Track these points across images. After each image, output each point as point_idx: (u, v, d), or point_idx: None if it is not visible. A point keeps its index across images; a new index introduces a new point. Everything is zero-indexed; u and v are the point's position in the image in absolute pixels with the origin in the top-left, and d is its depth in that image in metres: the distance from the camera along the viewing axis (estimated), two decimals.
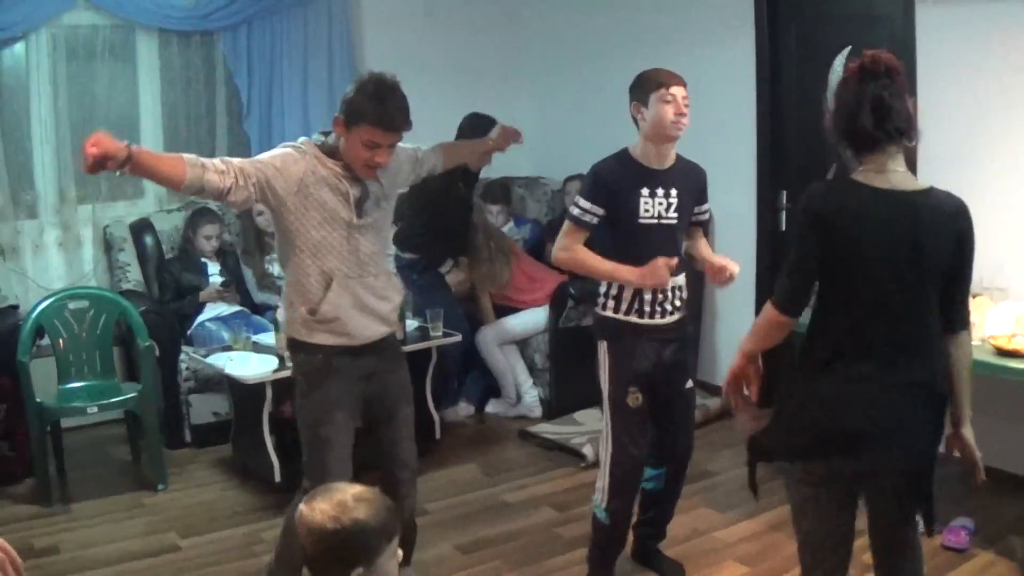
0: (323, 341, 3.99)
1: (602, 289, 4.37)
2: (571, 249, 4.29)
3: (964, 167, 5.36)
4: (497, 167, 7.82)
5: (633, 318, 4.27)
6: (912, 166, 5.58)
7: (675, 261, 4.21)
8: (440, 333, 6.19)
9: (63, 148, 6.61)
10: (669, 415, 4.43)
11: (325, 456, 4.07)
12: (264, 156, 3.88)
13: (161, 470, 5.87)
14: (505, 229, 7.46)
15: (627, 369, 4.28)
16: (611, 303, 4.31)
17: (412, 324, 6.26)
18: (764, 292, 6.75)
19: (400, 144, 4.10)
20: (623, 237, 4.22)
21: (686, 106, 4.13)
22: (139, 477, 6.03)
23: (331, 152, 3.92)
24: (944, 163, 5.44)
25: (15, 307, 6.23)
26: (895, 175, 3.05)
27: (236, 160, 3.77)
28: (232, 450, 6.14)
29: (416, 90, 4.13)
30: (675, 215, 4.24)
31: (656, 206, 4.19)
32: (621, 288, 4.26)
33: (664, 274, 4.09)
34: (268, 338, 5.87)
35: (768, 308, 3.26)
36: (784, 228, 6.70)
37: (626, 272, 4.15)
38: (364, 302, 4.03)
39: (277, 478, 5.52)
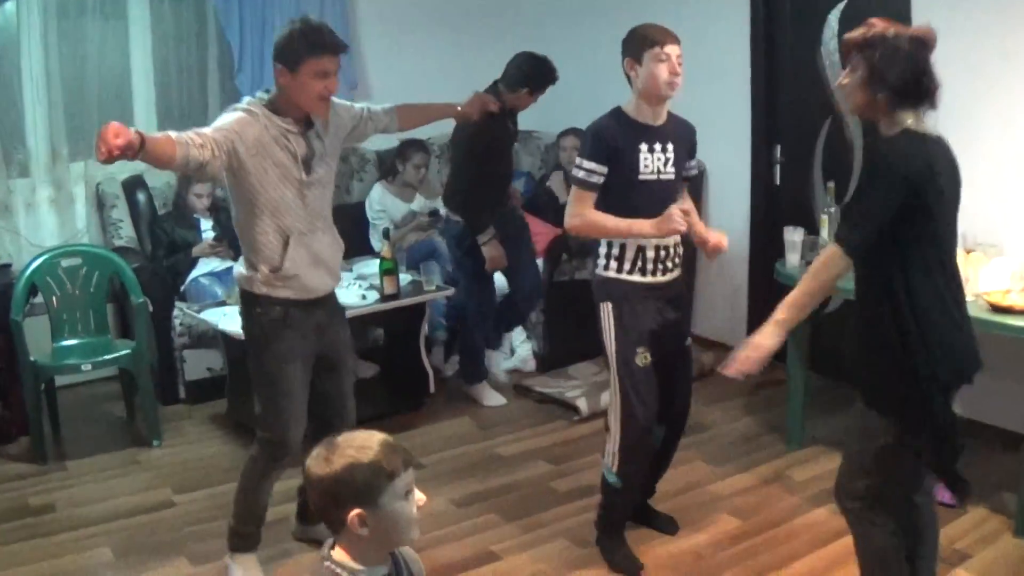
0: (283, 295, 4.07)
1: (602, 250, 4.33)
2: (583, 215, 4.22)
3: (959, 124, 5.30)
4: None
5: (636, 277, 4.25)
6: None
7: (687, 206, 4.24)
8: (434, 287, 6.19)
9: (55, 106, 6.56)
10: (669, 373, 4.40)
11: (284, 407, 4.16)
12: (223, 122, 3.87)
13: (155, 426, 5.89)
14: None
15: (634, 329, 4.25)
16: (613, 263, 4.28)
17: (406, 278, 6.24)
18: (758, 246, 6.78)
19: (340, 101, 4.20)
20: (622, 195, 4.17)
21: (680, 64, 4.09)
22: (134, 434, 6.05)
23: (276, 110, 3.94)
24: (939, 119, 5.42)
25: (8, 266, 6.23)
26: (929, 127, 3.26)
27: (206, 130, 3.78)
28: (226, 405, 6.15)
29: (408, 46, 4.12)
30: (672, 170, 4.23)
31: (655, 162, 4.17)
32: (623, 248, 4.24)
33: (680, 220, 4.05)
34: None
35: (832, 251, 3.23)
36: (778, 182, 6.69)
37: (643, 225, 4.11)
38: (318, 257, 4.13)
39: None
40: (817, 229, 5.46)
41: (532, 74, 5.94)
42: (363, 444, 2.37)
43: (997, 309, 4.47)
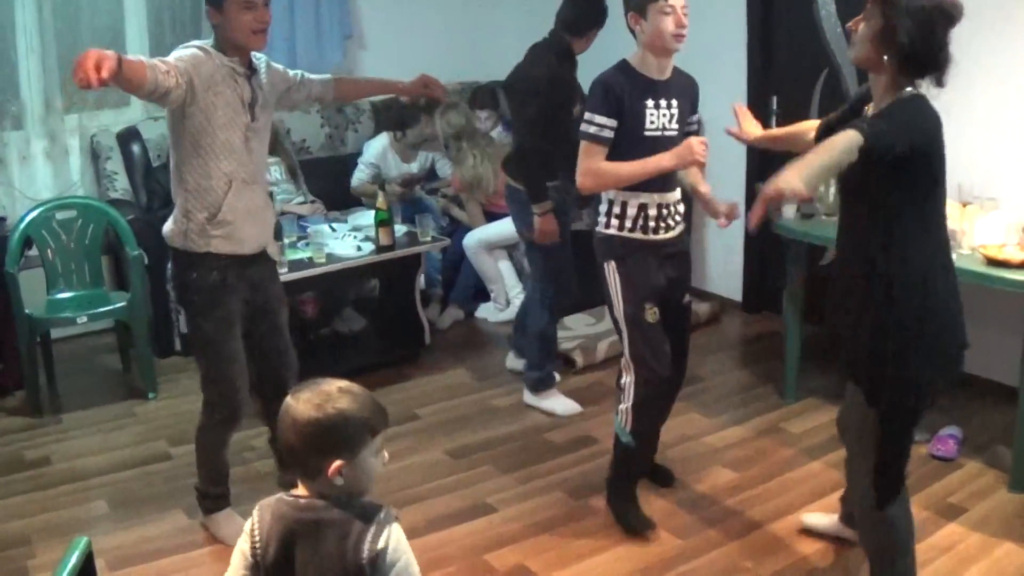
0: (217, 249, 4.07)
1: (603, 207, 4.27)
2: (597, 171, 4.11)
3: (956, 78, 5.30)
4: (485, 72, 7.78)
5: (638, 235, 4.20)
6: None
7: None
8: (429, 238, 6.18)
9: (48, 57, 6.51)
10: (670, 329, 4.34)
11: (230, 370, 4.20)
12: (180, 54, 3.86)
13: (151, 379, 5.90)
14: (494, 134, 7.39)
15: (643, 286, 4.19)
16: (615, 221, 4.21)
17: (401, 229, 6.24)
18: (753, 197, 6.76)
19: (275, 65, 4.30)
20: (626, 150, 4.09)
21: (685, 15, 4.01)
22: (129, 386, 6.06)
23: (222, 51, 3.95)
24: None
25: (2, 218, 6.20)
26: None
27: (168, 59, 3.78)
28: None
29: (404, 5, 4.11)
30: (676, 127, 4.18)
31: (660, 118, 4.12)
32: (624, 205, 4.18)
33: (701, 150, 3.99)
34: None
35: (852, 134, 2.95)
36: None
37: (662, 159, 4.02)
38: (254, 211, 4.16)
39: None
40: None
41: (601, 9, 5.37)
42: (354, 395, 2.39)
43: (993, 262, 4.47)
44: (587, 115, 4.11)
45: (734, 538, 4.30)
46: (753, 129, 4.14)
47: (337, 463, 2.33)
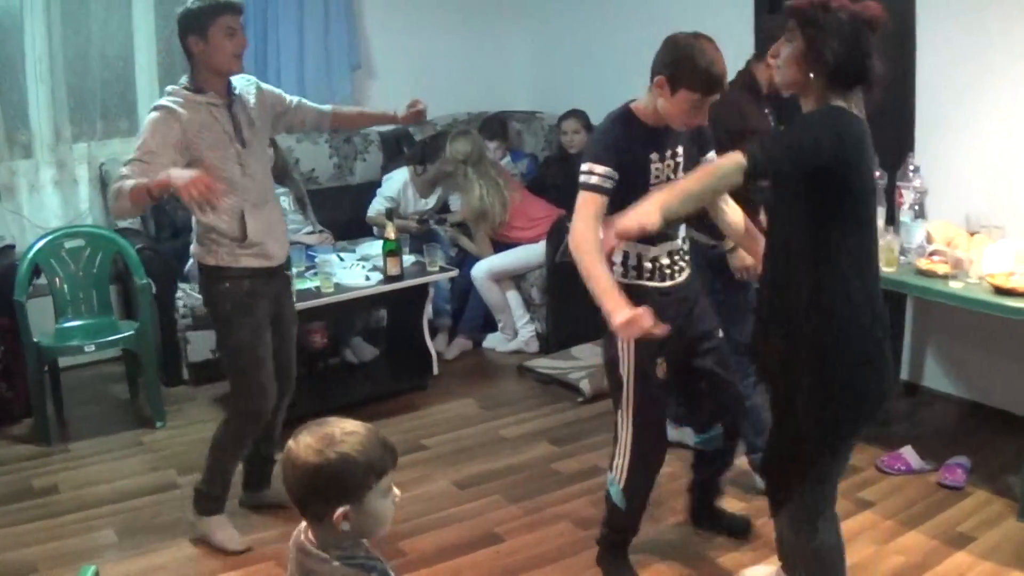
0: (248, 264, 4.26)
1: (617, 258, 3.97)
2: (587, 239, 3.61)
3: (963, 105, 5.33)
4: (493, 103, 7.81)
5: (655, 283, 3.96)
6: (911, 105, 5.57)
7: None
8: (437, 268, 6.19)
9: (58, 86, 6.55)
10: (704, 371, 4.16)
11: (260, 374, 4.37)
12: (145, 141, 4.07)
13: (159, 408, 5.89)
14: (502, 163, 7.41)
15: (653, 339, 3.81)
16: (618, 268, 3.94)
17: (409, 259, 6.25)
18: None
19: (270, 88, 4.53)
20: (631, 202, 3.60)
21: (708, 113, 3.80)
22: (137, 415, 6.05)
23: (198, 89, 4.15)
24: (943, 101, 5.42)
25: (11, 247, 6.22)
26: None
27: (138, 155, 4.05)
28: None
29: (413, 26, 4.16)
30: (682, 175, 3.90)
31: (665, 169, 3.89)
32: (639, 257, 3.92)
33: (644, 327, 3.49)
34: None
35: (737, 156, 2.98)
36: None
37: (612, 306, 3.46)
38: (272, 224, 4.38)
39: None
40: None
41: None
42: (359, 437, 2.34)
43: (1000, 291, 4.45)
44: (586, 165, 3.76)
45: (743, 565, 4.28)
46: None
47: (341, 510, 2.29)
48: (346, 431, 2.34)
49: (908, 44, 5.55)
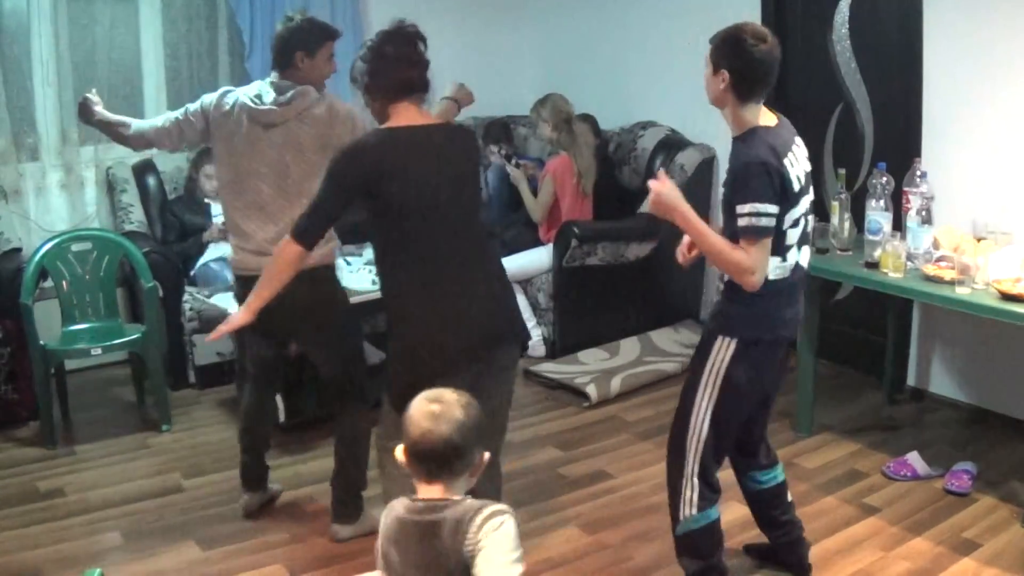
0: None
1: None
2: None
3: (970, 110, 5.33)
4: (498, 107, 7.81)
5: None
6: (918, 111, 5.57)
7: None
8: None
9: (65, 90, 6.56)
10: (768, 411, 4.02)
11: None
12: None
13: (165, 411, 5.89)
14: (508, 169, 7.41)
15: (758, 382, 3.67)
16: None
17: None
18: None
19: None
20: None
21: None
22: (143, 418, 6.05)
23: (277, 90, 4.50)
24: (950, 106, 5.42)
25: (18, 250, 6.21)
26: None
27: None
28: (236, 391, 6.13)
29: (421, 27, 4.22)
30: None
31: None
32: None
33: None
34: None
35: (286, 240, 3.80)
36: None
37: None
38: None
39: (281, 418, 5.56)
40: (827, 216, 5.42)
41: None
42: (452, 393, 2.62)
43: (1007, 297, 4.45)
44: (749, 206, 3.45)
45: (746, 573, 4.27)
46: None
47: (486, 453, 2.64)
48: (440, 392, 2.62)
49: (915, 49, 5.55)
